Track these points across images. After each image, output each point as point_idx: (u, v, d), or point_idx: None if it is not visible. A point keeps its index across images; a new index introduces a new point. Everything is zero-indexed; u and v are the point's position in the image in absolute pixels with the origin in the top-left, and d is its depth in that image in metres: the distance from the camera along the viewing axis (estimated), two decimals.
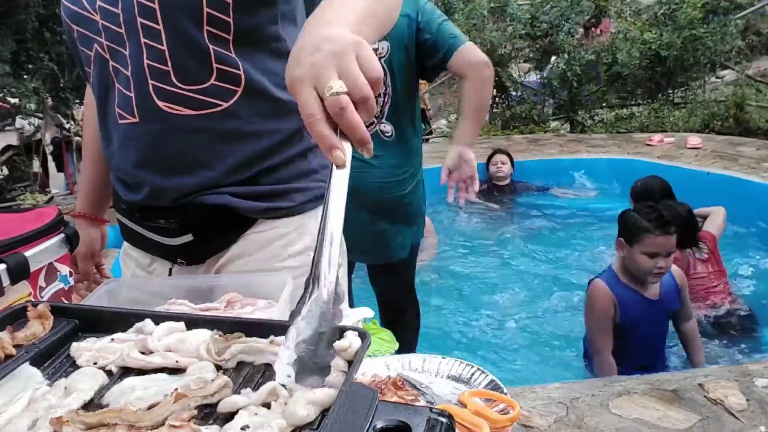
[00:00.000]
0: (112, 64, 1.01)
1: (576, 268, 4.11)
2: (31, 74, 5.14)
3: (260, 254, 1.06)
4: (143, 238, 1.12)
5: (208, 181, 1.03)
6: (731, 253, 4.07)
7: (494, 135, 7.36)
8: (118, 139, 1.06)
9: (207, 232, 1.06)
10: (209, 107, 1.00)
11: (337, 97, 0.59)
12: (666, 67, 7.29)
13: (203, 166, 1.03)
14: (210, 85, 0.99)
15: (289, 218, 1.08)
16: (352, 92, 0.60)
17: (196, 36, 0.97)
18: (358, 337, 0.60)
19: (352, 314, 0.87)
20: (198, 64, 0.98)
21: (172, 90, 0.99)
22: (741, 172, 4.97)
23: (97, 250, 1.34)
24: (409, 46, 2.14)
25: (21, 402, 0.57)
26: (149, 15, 0.96)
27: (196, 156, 1.02)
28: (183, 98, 0.99)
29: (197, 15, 0.96)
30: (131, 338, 0.68)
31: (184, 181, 1.03)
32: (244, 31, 0.99)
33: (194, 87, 0.99)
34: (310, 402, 0.53)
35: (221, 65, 0.99)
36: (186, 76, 0.99)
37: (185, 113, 1.00)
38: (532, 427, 1.69)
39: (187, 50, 0.98)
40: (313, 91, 0.61)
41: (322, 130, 0.59)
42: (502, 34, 7.55)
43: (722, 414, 1.75)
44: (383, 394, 0.82)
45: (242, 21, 0.98)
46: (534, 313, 3.46)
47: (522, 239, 4.60)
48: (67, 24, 1.05)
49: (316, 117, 0.60)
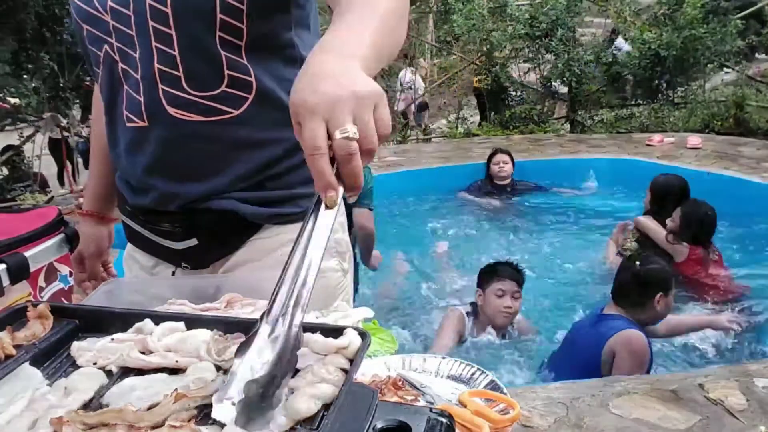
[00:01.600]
0: (122, 66, 1.00)
1: (575, 267, 4.11)
2: (31, 74, 5.14)
3: (266, 260, 1.05)
4: (148, 240, 1.11)
5: (216, 188, 1.02)
6: (731, 253, 4.07)
7: (494, 135, 7.36)
8: (126, 142, 1.05)
9: (212, 237, 1.06)
10: (220, 114, 0.99)
11: (349, 142, 0.58)
12: (666, 67, 7.29)
13: (213, 173, 1.02)
14: (221, 91, 0.98)
15: (295, 224, 1.06)
16: (363, 142, 0.59)
17: (208, 42, 0.96)
18: (359, 336, 0.60)
19: (352, 314, 0.88)
20: (209, 70, 0.97)
21: (183, 96, 0.98)
22: (741, 172, 4.98)
23: (105, 249, 1.33)
24: None
25: (21, 402, 0.57)
26: (161, 19, 0.95)
27: (205, 163, 1.01)
28: (193, 104, 0.98)
29: (210, 20, 0.94)
30: (131, 338, 0.68)
31: (193, 188, 1.02)
32: (257, 37, 0.98)
33: (205, 93, 0.98)
34: (312, 396, 0.53)
35: (233, 72, 0.98)
36: (197, 82, 0.97)
37: (195, 119, 0.98)
38: (532, 427, 1.69)
39: (199, 56, 0.96)
40: (323, 124, 0.59)
41: (324, 167, 0.58)
42: (502, 34, 7.54)
43: (722, 414, 1.76)
44: (383, 394, 0.82)
45: (255, 27, 0.97)
46: (533, 313, 3.45)
47: (521, 238, 4.60)
48: (77, 23, 1.04)
49: (321, 152, 0.58)
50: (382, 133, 0.61)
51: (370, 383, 0.84)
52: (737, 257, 4.00)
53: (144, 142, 1.02)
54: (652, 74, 7.45)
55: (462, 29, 7.62)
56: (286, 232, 1.06)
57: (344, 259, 1.15)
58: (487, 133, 7.51)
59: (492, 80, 7.78)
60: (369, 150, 0.60)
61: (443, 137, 7.86)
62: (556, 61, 7.65)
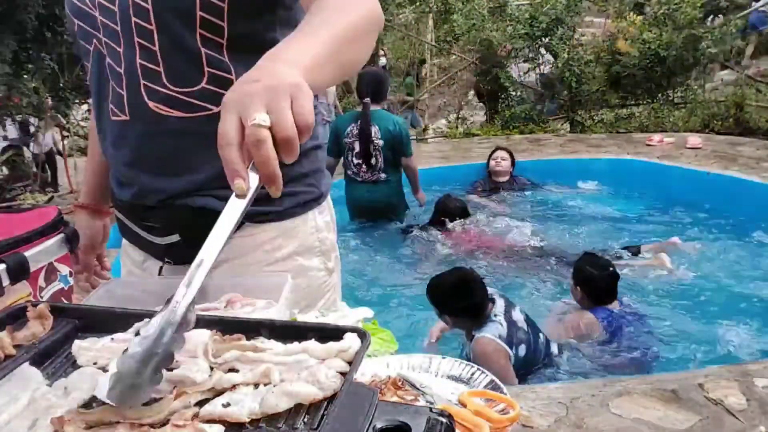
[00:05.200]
0: (108, 60, 1.02)
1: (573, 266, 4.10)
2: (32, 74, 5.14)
3: (246, 258, 1.05)
4: (136, 235, 1.13)
5: (194, 184, 1.03)
6: (731, 252, 4.08)
7: (494, 135, 7.36)
8: (112, 136, 1.07)
9: (192, 233, 1.06)
10: (200, 110, 0.99)
11: (257, 129, 0.58)
12: (666, 67, 7.29)
13: (191, 169, 1.02)
14: (201, 88, 0.98)
15: (276, 223, 1.07)
16: (276, 129, 0.59)
17: (189, 39, 0.96)
18: (358, 337, 0.60)
19: (352, 314, 0.88)
20: (189, 66, 0.98)
21: (163, 91, 0.98)
22: (741, 172, 4.97)
23: (99, 242, 1.33)
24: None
25: (21, 402, 0.57)
26: (143, 15, 0.96)
27: (184, 159, 1.02)
28: (173, 100, 0.99)
29: (190, 18, 0.95)
30: (131, 338, 0.68)
31: (171, 183, 1.03)
32: (239, 36, 0.98)
33: (185, 89, 0.98)
34: (285, 393, 0.54)
35: (213, 69, 0.98)
36: (177, 78, 0.98)
37: (175, 115, 0.99)
38: (532, 427, 1.69)
39: (179, 52, 0.97)
40: (236, 117, 0.60)
41: (231, 155, 0.58)
42: (502, 34, 7.54)
43: (722, 414, 1.76)
44: (383, 394, 0.82)
45: (237, 26, 0.97)
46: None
47: (521, 238, 4.59)
48: (70, 18, 1.06)
49: (229, 141, 0.59)
50: (301, 123, 0.60)
51: (370, 383, 0.84)
52: (737, 257, 4.00)
53: (126, 136, 1.04)
54: (652, 74, 7.45)
55: (462, 29, 7.62)
56: (265, 230, 1.06)
57: (329, 259, 1.15)
58: (487, 133, 7.52)
59: (492, 80, 7.79)
60: (284, 138, 0.58)
61: (443, 137, 7.86)
62: (556, 61, 7.65)
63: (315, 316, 0.87)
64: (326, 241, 1.14)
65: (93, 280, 1.33)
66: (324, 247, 1.14)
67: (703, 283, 3.71)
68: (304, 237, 1.10)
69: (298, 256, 1.09)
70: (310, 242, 1.11)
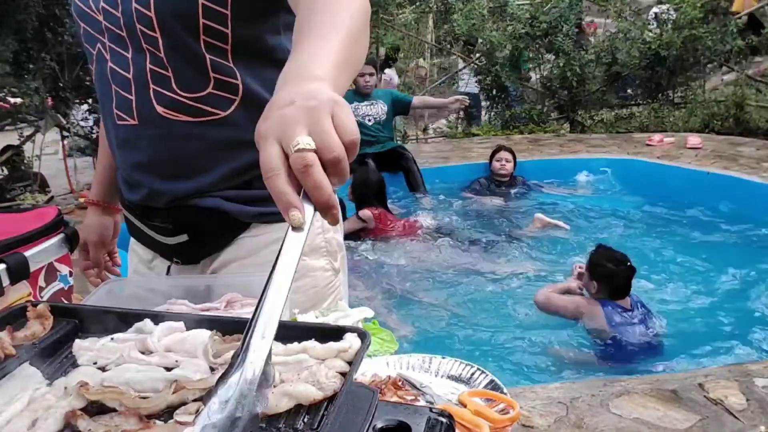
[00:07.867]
0: (110, 65, 1.02)
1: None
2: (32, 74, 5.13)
3: (253, 259, 1.06)
4: (144, 234, 1.13)
5: (203, 186, 1.04)
6: (731, 252, 4.08)
7: (494, 135, 7.36)
8: (117, 139, 1.07)
9: (201, 233, 1.07)
10: (207, 115, 1.00)
11: (302, 154, 0.52)
12: (666, 67, 7.29)
13: (200, 172, 1.03)
14: (208, 93, 0.99)
15: (284, 223, 1.07)
16: (322, 151, 0.53)
17: (193, 45, 0.97)
18: (358, 338, 0.60)
19: (352, 314, 0.88)
20: (195, 72, 0.98)
21: (172, 96, 0.99)
22: (741, 172, 4.97)
23: (109, 239, 1.34)
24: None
25: (21, 402, 0.58)
26: (146, 22, 0.96)
27: (193, 162, 1.03)
28: (181, 105, 0.99)
29: (193, 25, 0.95)
30: (131, 338, 0.68)
31: (181, 186, 1.04)
32: (243, 41, 0.98)
33: (192, 95, 0.99)
34: (285, 393, 0.53)
35: (218, 74, 0.99)
36: (185, 84, 0.99)
37: (183, 120, 1.00)
38: (532, 427, 1.69)
39: (184, 58, 0.98)
40: (277, 145, 0.54)
41: (280, 187, 0.52)
42: (502, 34, 7.53)
43: (722, 414, 1.76)
44: (383, 394, 0.82)
45: (240, 32, 0.98)
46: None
47: (520, 237, 4.59)
48: (76, 20, 1.07)
49: (276, 172, 0.53)
50: (346, 140, 0.54)
51: (370, 383, 0.84)
52: (737, 257, 4.00)
53: (133, 139, 1.04)
54: (652, 74, 7.45)
55: (462, 29, 7.62)
56: (273, 230, 1.06)
57: (335, 259, 1.15)
58: (487, 133, 7.51)
59: (492, 80, 7.78)
60: (332, 159, 0.53)
61: (443, 137, 7.85)
62: (557, 61, 7.64)
63: (315, 315, 0.87)
64: (333, 242, 1.14)
65: (104, 275, 1.34)
66: (331, 247, 1.14)
67: (702, 283, 3.72)
68: (311, 237, 1.10)
69: (305, 256, 1.10)
70: (316, 242, 1.11)
